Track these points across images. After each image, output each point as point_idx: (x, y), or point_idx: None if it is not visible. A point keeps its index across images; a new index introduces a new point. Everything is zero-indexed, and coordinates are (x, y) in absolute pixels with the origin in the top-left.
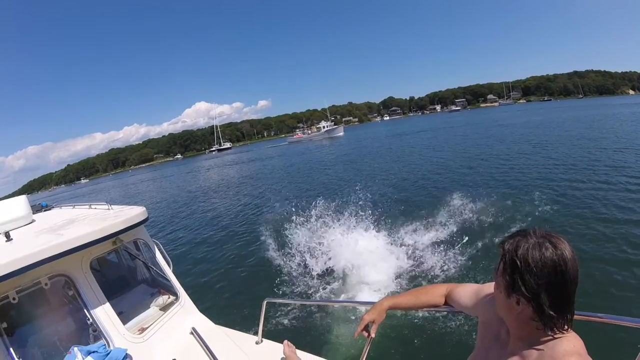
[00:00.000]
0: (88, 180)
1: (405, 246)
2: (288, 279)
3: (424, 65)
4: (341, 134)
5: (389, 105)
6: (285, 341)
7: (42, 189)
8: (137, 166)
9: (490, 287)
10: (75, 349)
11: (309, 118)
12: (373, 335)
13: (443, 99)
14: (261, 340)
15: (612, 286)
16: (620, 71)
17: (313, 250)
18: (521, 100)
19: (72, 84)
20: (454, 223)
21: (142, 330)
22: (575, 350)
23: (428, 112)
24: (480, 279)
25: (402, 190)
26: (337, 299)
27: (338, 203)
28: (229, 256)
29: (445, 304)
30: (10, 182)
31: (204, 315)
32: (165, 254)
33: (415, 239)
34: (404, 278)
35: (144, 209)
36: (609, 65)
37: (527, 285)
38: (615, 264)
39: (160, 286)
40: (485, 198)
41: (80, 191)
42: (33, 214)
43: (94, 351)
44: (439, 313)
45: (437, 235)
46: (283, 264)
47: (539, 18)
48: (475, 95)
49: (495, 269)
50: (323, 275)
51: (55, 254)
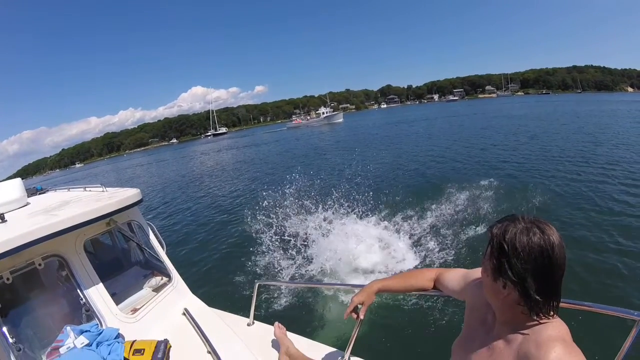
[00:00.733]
0: (83, 164)
1: (399, 233)
2: (280, 262)
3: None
4: (340, 120)
5: (386, 93)
6: (276, 323)
7: (37, 174)
8: (132, 150)
9: (478, 272)
10: (68, 328)
11: (305, 104)
12: (362, 317)
13: (441, 88)
14: (253, 322)
15: (601, 276)
16: (619, 68)
17: (306, 235)
18: (519, 93)
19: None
20: (447, 211)
21: (135, 310)
22: (560, 336)
23: (426, 101)
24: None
25: (399, 178)
26: (328, 282)
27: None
28: (222, 239)
29: (434, 288)
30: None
31: (197, 297)
32: (159, 236)
33: (409, 225)
34: (395, 264)
35: (138, 190)
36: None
37: (514, 269)
38: (605, 254)
39: (154, 268)
40: (480, 187)
41: (75, 175)
42: (28, 197)
43: (86, 330)
44: (428, 297)
45: (431, 222)
46: (276, 248)
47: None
48: (473, 85)
49: (484, 253)
50: (315, 259)
51: (48, 233)
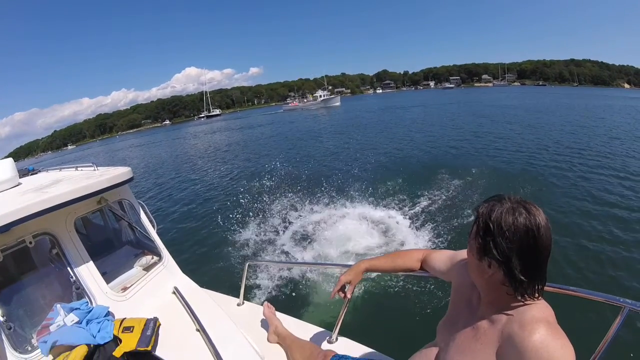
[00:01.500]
0: (75, 146)
1: (390, 216)
2: (270, 243)
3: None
4: (338, 104)
5: (382, 78)
6: (265, 303)
7: (29, 156)
8: (125, 132)
9: (464, 254)
10: (58, 306)
11: (300, 87)
12: (349, 296)
13: (437, 75)
14: (242, 302)
15: (588, 262)
16: (617, 64)
17: (298, 217)
18: (515, 83)
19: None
20: (439, 196)
21: (125, 289)
22: (544, 317)
23: (422, 88)
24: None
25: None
26: (316, 261)
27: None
28: (214, 220)
29: (421, 268)
30: None
31: (187, 276)
32: (150, 215)
33: (400, 209)
34: (385, 245)
35: (129, 169)
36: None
37: (499, 248)
38: (594, 242)
39: (144, 247)
40: (472, 173)
41: (67, 157)
42: (20, 177)
43: (76, 308)
44: (415, 277)
45: (423, 206)
46: (266, 229)
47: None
48: (470, 74)
49: (469, 233)
50: (306, 240)
51: (39, 210)
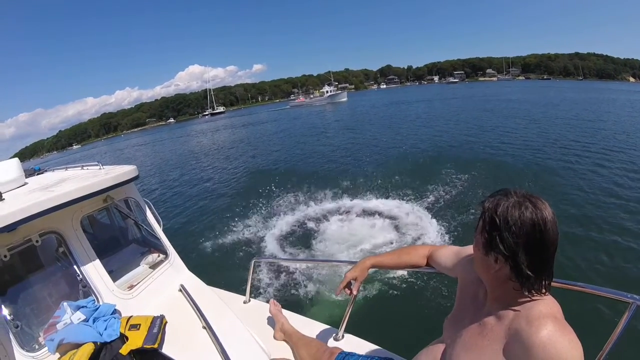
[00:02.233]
0: (80, 145)
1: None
2: (276, 240)
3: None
4: (344, 99)
5: (386, 73)
6: (272, 300)
7: (34, 156)
8: (130, 131)
9: (470, 249)
10: (65, 304)
11: (304, 83)
12: (355, 292)
13: (441, 70)
14: (249, 300)
15: (596, 257)
16: (622, 57)
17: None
18: (520, 77)
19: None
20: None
21: (131, 287)
22: (552, 313)
23: (426, 83)
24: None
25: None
26: (322, 258)
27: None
28: (219, 217)
29: (427, 265)
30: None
31: (193, 274)
32: (156, 213)
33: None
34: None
35: (135, 167)
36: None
37: (506, 243)
38: (600, 237)
39: (151, 245)
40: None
41: (72, 157)
42: (26, 177)
43: (83, 306)
44: (421, 274)
45: (429, 201)
46: (272, 226)
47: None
48: (474, 68)
49: (475, 227)
50: (311, 236)
51: (45, 208)
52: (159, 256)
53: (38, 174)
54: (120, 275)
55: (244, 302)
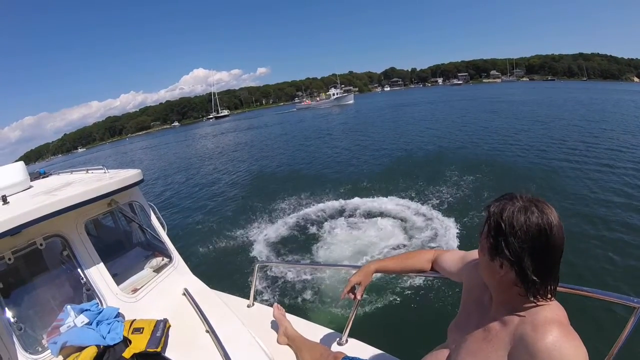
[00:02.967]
0: (85, 149)
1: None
2: (280, 244)
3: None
4: (351, 102)
5: (390, 75)
6: (275, 304)
7: (39, 160)
8: (134, 134)
9: (475, 254)
10: (69, 307)
11: (308, 86)
12: (359, 297)
13: (445, 72)
14: (252, 304)
15: (601, 261)
16: (626, 57)
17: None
18: (524, 78)
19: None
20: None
21: (135, 290)
22: (557, 319)
23: (430, 85)
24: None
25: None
26: (326, 263)
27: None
28: (223, 221)
29: (432, 269)
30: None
31: (197, 277)
32: (160, 217)
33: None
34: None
35: (139, 171)
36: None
37: (511, 248)
38: (606, 241)
39: (155, 249)
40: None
41: (77, 160)
42: (31, 180)
43: (86, 309)
44: (426, 278)
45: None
46: (276, 230)
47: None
48: (478, 70)
49: (480, 232)
50: (314, 240)
51: (49, 212)
52: (163, 260)
53: (43, 177)
54: (124, 278)
55: (248, 306)
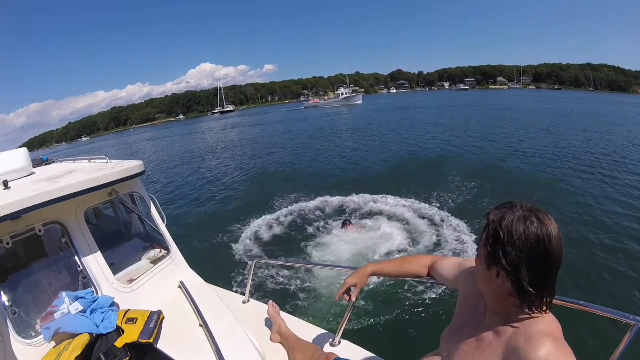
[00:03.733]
0: (89, 138)
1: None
2: (278, 242)
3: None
4: (360, 102)
5: (397, 78)
6: (270, 302)
7: (43, 147)
8: (139, 125)
9: (473, 262)
10: (64, 294)
11: (314, 85)
12: (354, 299)
13: (452, 76)
14: (248, 300)
15: (599, 275)
16: (634, 70)
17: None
18: (531, 86)
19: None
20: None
21: (131, 281)
22: (551, 332)
23: (436, 89)
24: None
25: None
26: (323, 263)
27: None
28: (223, 216)
29: (429, 275)
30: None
31: (194, 271)
32: (160, 209)
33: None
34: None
35: (141, 162)
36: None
37: (509, 257)
38: (605, 254)
39: (153, 240)
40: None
41: (81, 149)
42: (34, 167)
43: (81, 297)
44: (422, 284)
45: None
46: (275, 228)
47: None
48: (485, 75)
49: (479, 240)
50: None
51: (49, 199)
52: (160, 252)
53: (46, 165)
54: (121, 268)
55: (243, 302)
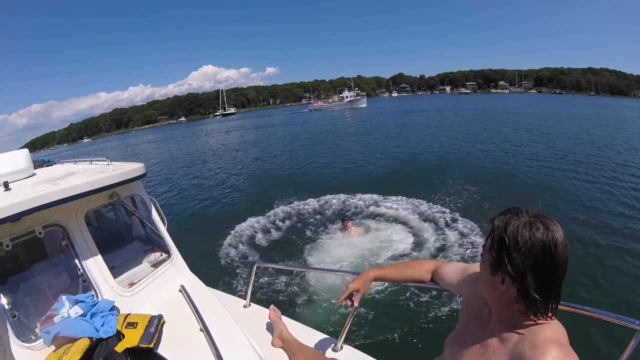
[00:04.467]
0: (91, 139)
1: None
2: (280, 246)
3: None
4: (364, 105)
5: (398, 81)
6: (272, 306)
7: (45, 147)
8: (141, 127)
9: (476, 267)
10: (64, 297)
11: (316, 88)
12: (356, 304)
13: (454, 80)
14: (249, 304)
15: (604, 281)
16: (635, 74)
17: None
18: (532, 90)
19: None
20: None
21: (132, 284)
22: (557, 339)
23: (437, 92)
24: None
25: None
26: (325, 268)
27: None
28: (225, 220)
29: (432, 280)
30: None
31: (195, 275)
32: (161, 212)
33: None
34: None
35: (142, 164)
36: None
37: (514, 264)
38: (610, 259)
39: (154, 243)
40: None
41: (82, 150)
42: (35, 168)
43: (81, 301)
44: (425, 289)
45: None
46: (277, 231)
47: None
48: (486, 79)
49: (483, 245)
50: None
51: (49, 201)
52: (161, 255)
53: (47, 166)
54: (121, 272)
55: (244, 307)
